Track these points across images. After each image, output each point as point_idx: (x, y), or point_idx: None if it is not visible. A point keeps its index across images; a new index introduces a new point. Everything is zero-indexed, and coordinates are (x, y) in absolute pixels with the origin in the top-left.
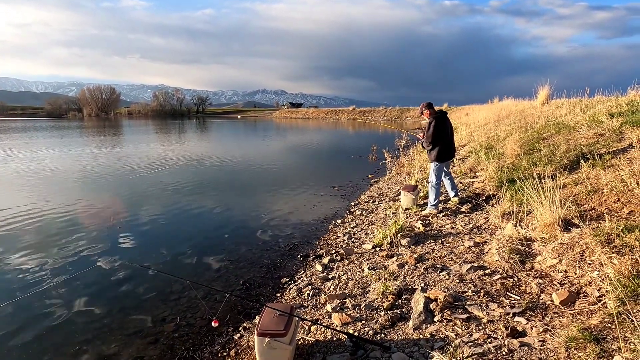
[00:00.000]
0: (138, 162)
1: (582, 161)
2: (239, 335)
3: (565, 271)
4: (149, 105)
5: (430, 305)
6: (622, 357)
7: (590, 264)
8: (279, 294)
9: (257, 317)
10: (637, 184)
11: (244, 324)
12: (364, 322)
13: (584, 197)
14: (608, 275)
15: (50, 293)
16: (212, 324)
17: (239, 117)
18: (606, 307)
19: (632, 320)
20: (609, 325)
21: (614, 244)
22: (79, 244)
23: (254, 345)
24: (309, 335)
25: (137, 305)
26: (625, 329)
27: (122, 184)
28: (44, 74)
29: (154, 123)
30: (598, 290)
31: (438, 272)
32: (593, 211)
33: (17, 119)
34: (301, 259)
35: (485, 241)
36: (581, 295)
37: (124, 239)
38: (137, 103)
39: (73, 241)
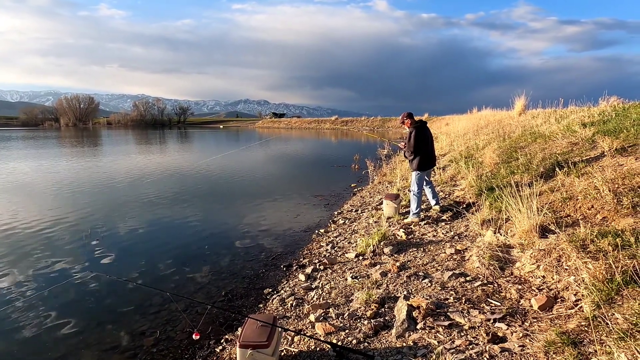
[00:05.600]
0: (116, 174)
1: (557, 169)
2: (220, 347)
3: (543, 276)
4: (128, 115)
5: (413, 313)
6: None
7: (566, 269)
8: (261, 305)
9: (239, 329)
10: (609, 191)
11: (226, 336)
12: (347, 331)
13: (560, 204)
14: (583, 280)
15: (24, 308)
16: (193, 336)
17: (221, 127)
18: (582, 311)
19: (607, 324)
20: (586, 328)
21: (588, 249)
22: (55, 257)
23: (236, 357)
24: (292, 346)
25: (115, 319)
26: (600, 332)
27: (99, 195)
28: (18, 83)
29: (134, 133)
30: (575, 294)
31: (420, 279)
32: (568, 217)
33: None
34: (284, 269)
35: (466, 248)
36: (559, 300)
37: (102, 252)
38: (117, 113)
39: (48, 254)
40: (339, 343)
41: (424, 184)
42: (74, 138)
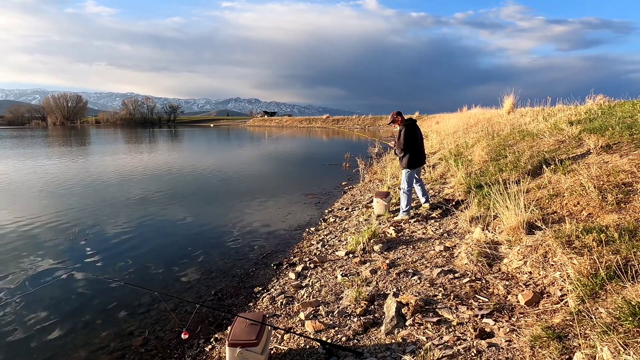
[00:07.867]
0: (105, 173)
1: (544, 167)
2: (210, 347)
3: (530, 272)
4: (117, 114)
5: (402, 309)
6: (582, 354)
7: (552, 264)
8: (251, 304)
9: (228, 328)
10: (595, 187)
11: (216, 335)
12: (337, 328)
13: (547, 201)
14: (569, 275)
15: (10, 308)
16: (182, 336)
17: (212, 125)
18: (568, 305)
19: (591, 318)
20: (570, 323)
21: (574, 245)
22: (42, 257)
23: (225, 356)
24: (282, 344)
25: (103, 319)
26: (585, 327)
27: (87, 195)
28: (4, 82)
29: (123, 132)
30: (560, 289)
31: (409, 276)
32: (555, 214)
33: None
34: (274, 267)
35: (455, 245)
36: (545, 295)
37: (89, 251)
38: (106, 111)
39: (35, 254)
40: (329, 340)
41: (414, 181)
42: (62, 137)
